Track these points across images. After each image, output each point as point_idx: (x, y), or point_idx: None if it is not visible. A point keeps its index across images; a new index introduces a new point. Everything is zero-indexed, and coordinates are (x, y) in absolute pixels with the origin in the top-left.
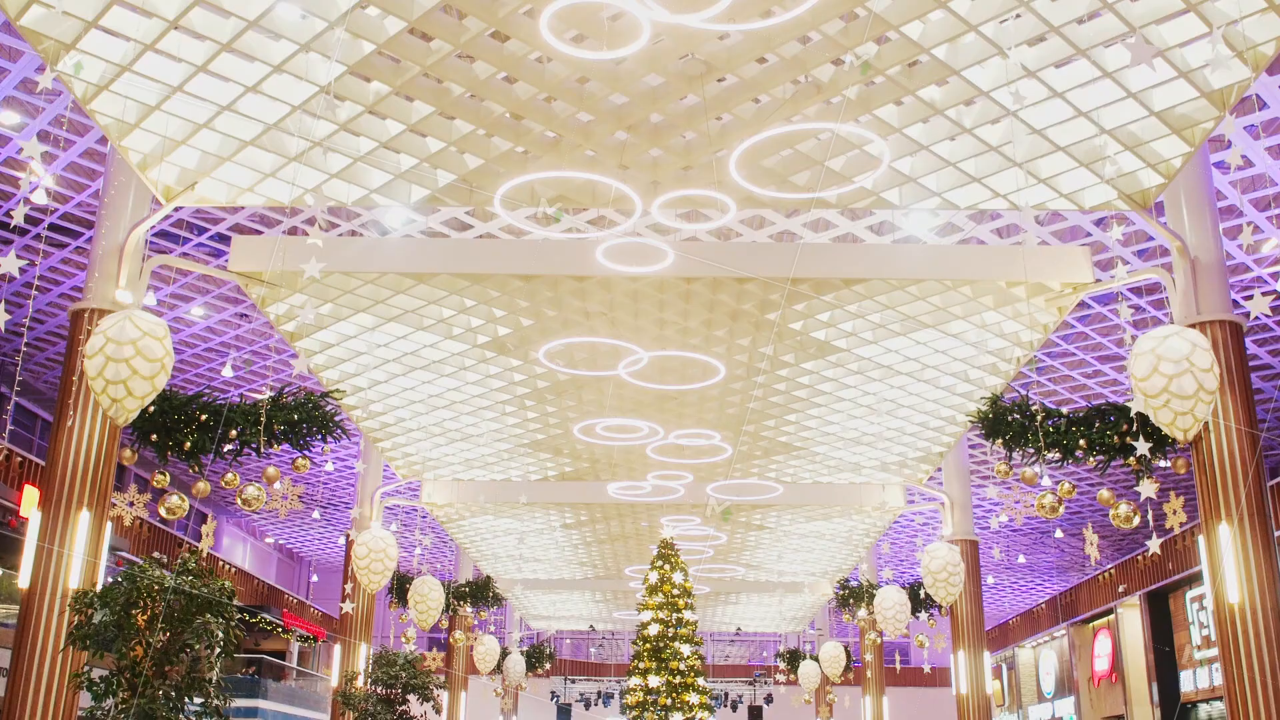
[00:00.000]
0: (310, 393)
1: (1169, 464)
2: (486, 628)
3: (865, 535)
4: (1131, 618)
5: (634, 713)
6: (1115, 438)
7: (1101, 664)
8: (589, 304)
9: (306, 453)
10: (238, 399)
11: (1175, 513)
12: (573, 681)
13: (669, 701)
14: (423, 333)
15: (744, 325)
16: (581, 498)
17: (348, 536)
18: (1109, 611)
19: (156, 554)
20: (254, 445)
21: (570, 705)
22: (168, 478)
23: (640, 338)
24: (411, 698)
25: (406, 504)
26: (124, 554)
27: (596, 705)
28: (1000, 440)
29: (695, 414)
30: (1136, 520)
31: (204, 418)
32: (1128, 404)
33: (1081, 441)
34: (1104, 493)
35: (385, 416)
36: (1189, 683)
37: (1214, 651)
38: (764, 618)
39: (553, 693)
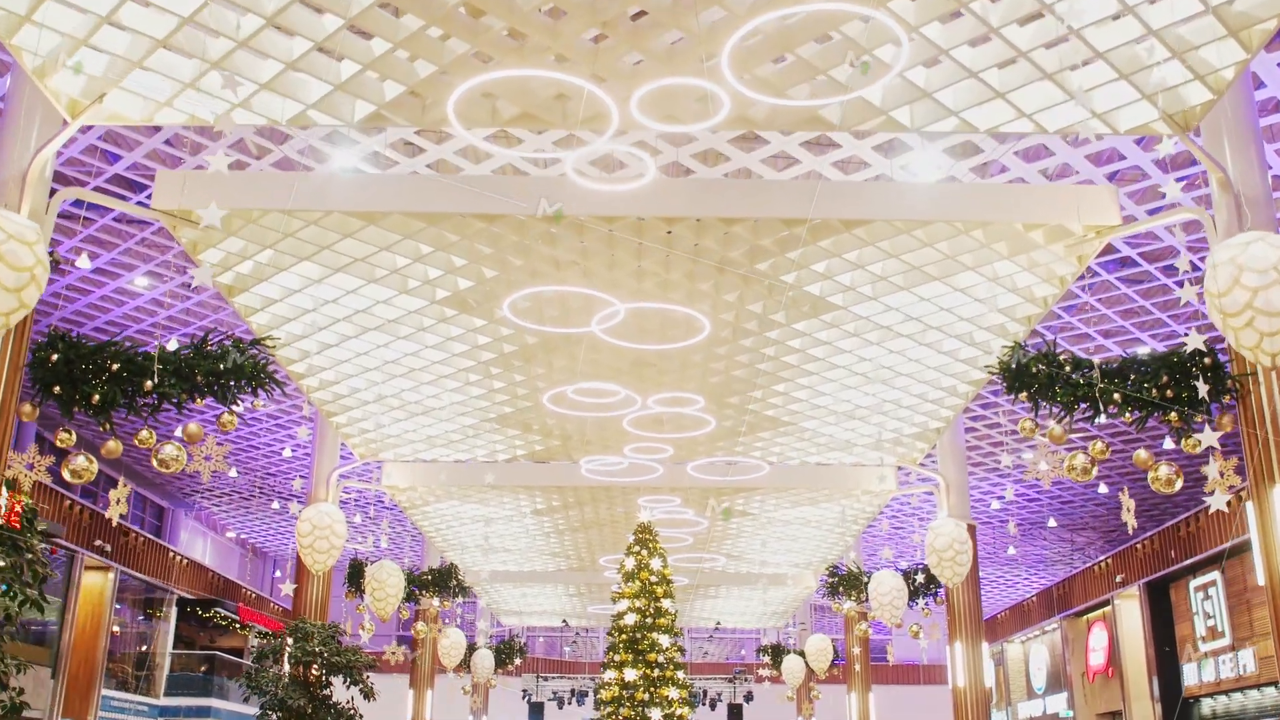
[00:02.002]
0: (238, 340)
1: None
2: (453, 621)
3: (854, 522)
4: (1129, 609)
5: (608, 709)
6: (1154, 390)
7: (1097, 658)
8: (559, 251)
9: (233, 408)
10: (155, 348)
11: (1222, 475)
12: (545, 679)
13: (646, 696)
14: (375, 286)
15: (731, 278)
16: (553, 480)
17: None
18: (1105, 603)
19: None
20: (173, 399)
21: (543, 704)
22: (73, 436)
23: (617, 291)
24: (337, 681)
25: (365, 487)
26: (60, 541)
27: (570, 704)
28: (1025, 394)
29: (676, 383)
30: (1179, 484)
31: (115, 367)
32: (1175, 349)
33: (1115, 395)
34: (1141, 453)
35: (338, 387)
36: (1192, 676)
37: (1220, 643)
38: (744, 613)
39: (524, 691)
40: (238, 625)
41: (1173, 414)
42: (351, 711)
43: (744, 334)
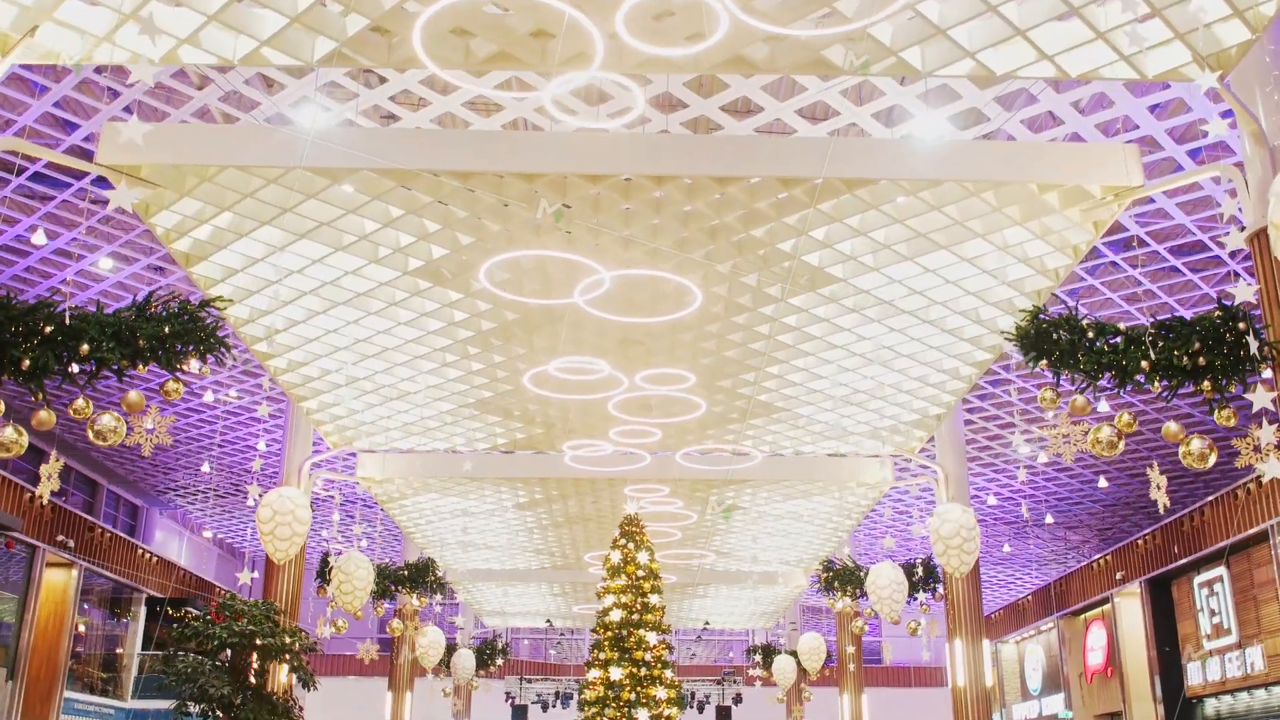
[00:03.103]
0: (185, 300)
1: (1246, 391)
2: (432, 620)
3: (847, 517)
4: (1130, 607)
5: (593, 710)
6: (1184, 358)
7: (1095, 657)
8: (539, 216)
9: (180, 374)
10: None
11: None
12: (529, 682)
13: (633, 696)
14: (343, 254)
15: (724, 245)
16: (536, 471)
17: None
18: (1104, 601)
19: None
20: (113, 365)
21: (526, 706)
22: (1, 405)
23: (602, 258)
24: (275, 667)
25: (338, 478)
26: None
27: (555, 706)
28: (1045, 362)
29: (665, 364)
30: (1213, 459)
31: (48, 330)
32: (1206, 314)
33: (1144, 363)
34: (1170, 426)
35: (308, 369)
36: (1196, 675)
37: (1226, 640)
38: (733, 613)
39: (508, 693)
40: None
41: (1205, 382)
42: (289, 703)
43: (737, 309)
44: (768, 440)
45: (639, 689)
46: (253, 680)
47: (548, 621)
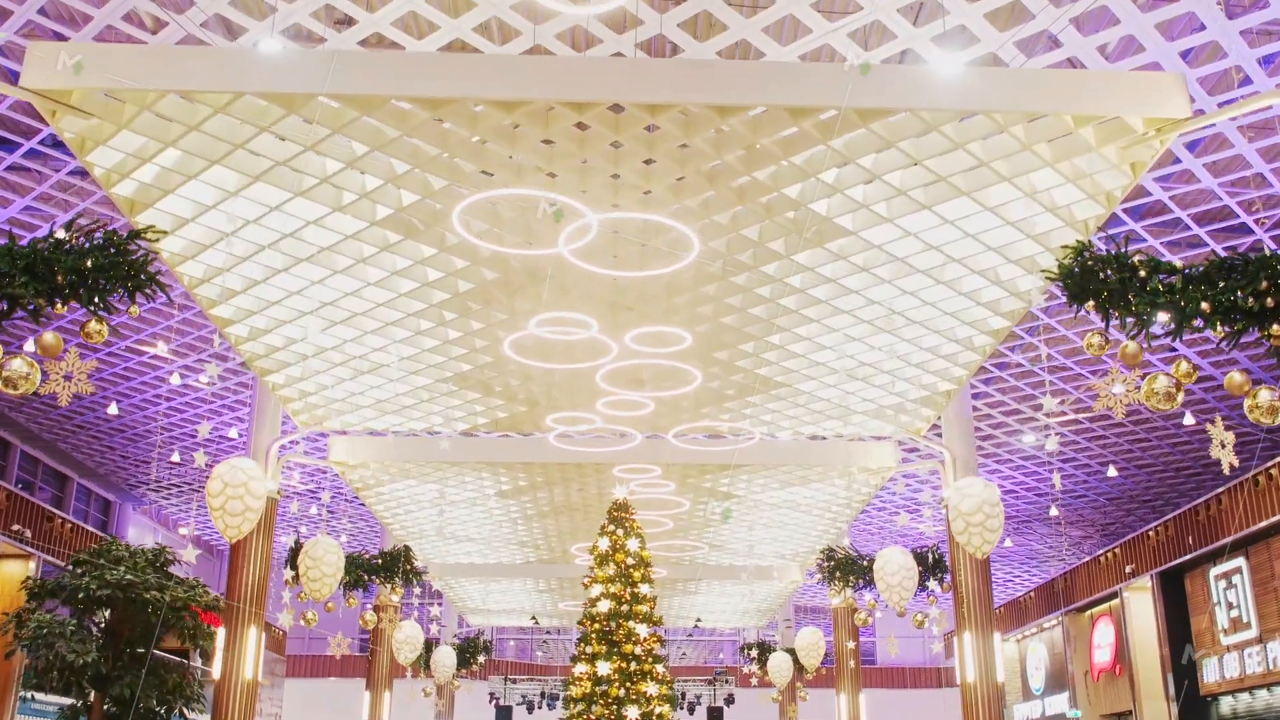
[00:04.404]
0: (112, 232)
1: None
2: (413, 616)
3: (847, 506)
4: (1140, 602)
5: (579, 707)
6: (1250, 299)
7: (1102, 655)
8: (519, 152)
9: (104, 314)
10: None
11: None
12: (514, 682)
13: (622, 693)
14: (304, 201)
15: (724, 192)
16: (519, 456)
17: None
18: (1112, 596)
19: None
20: (27, 303)
21: (511, 707)
22: None
23: (589, 202)
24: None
25: (309, 462)
26: None
27: (541, 707)
28: (1092, 303)
29: (657, 347)
30: None
31: None
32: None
33: (1204, 305)
34: (1234, 376)
35: (271, 337)
36: (1212, 672)
37: (1245, 635)
38: (724, 610)
39: (492, 694)
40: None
41: (1275, 326)
42: (179, 678)
43: (737, 269)
44: (766, 420)
45: (628, 685)
46: (135, 649)
47: (533, 619)
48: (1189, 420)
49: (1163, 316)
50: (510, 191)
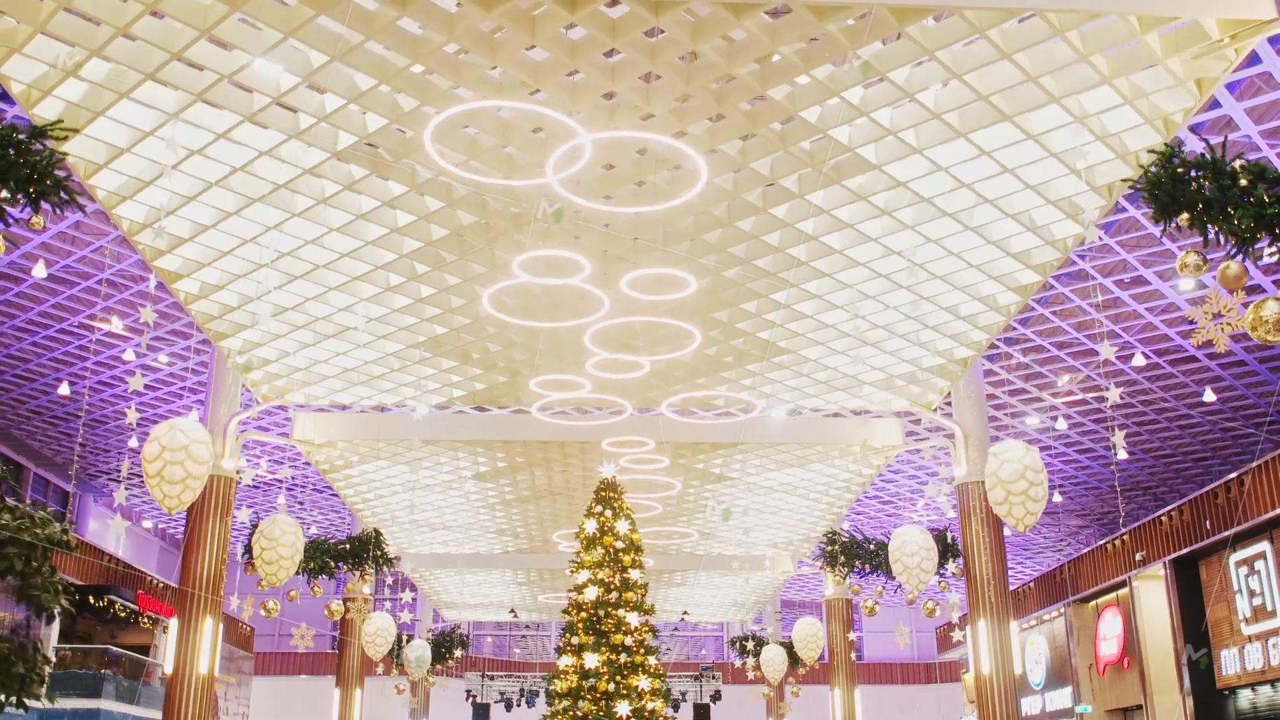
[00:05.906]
0: (9, 127)
1: None
2: (385, 608)
3: (845, 490)
4: (1151, 591)
5: (564, 703)
6: None
7: (1108, 647)
8: (501, 65)
9: (4, 225)
10: None
11: None
12: (491, 679)
13: (611, 687)
14: (253, 127)
15: (734, 115)
16: (499, 433)
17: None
18: (1120, 585)
19: None
20: None
21: (489, 705)
22: None
23: (582, 123)
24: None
25: (268, 439)
26: None
27: (519, 705)
28: (1185, 216)
29: (654, 280)
30: None
31: None
32: None
33: None
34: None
35: (224, 295)
36: (1231, 664)
37: (1269, 624)
38: (711, 603)
39: (469, 691)
40: (139, 617)
41: None
42: (32, 641)
43: (744, 211)
44: (766, 393)
45: (618, 679)
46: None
47: (511, 612)
48: (1209, 397)
49: (1269, 234)
50: (492, 103)
